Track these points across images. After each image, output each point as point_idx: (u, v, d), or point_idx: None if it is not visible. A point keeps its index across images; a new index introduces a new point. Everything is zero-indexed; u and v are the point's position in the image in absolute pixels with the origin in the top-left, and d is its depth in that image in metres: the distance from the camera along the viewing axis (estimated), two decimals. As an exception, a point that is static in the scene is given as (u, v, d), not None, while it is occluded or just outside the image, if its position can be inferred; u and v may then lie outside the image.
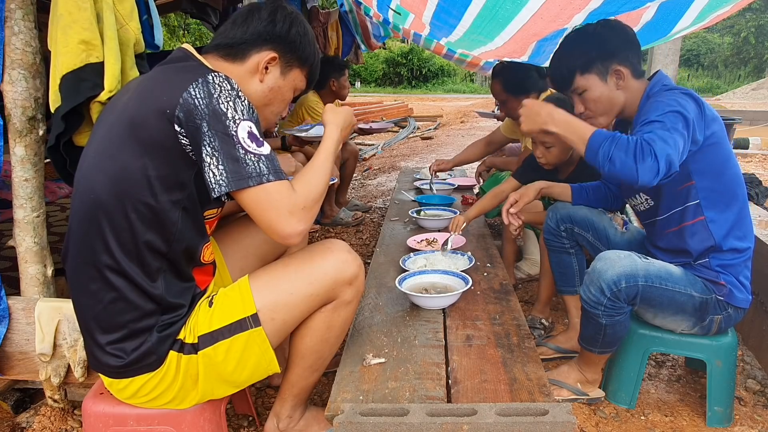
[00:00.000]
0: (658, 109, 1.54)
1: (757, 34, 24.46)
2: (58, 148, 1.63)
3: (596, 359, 1.81)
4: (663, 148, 1.42)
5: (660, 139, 1.43)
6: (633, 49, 1.73)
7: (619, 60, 1.70)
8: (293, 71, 1.45)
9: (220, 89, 1.19)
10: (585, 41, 1.73)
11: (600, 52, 1.71)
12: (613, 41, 1.71)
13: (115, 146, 1.22)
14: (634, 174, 1.42)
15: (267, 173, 1.21)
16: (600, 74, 1.72)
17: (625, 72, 1.71)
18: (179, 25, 10.73)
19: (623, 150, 1.44)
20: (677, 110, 1.52)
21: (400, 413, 1.27)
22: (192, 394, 1.35)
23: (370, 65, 24.89)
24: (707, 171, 1.62)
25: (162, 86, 1.22)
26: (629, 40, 1.73)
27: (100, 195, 1.21)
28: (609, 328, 1.67)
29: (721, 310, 1.68)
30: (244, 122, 1.20)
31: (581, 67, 1.72)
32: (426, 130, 10.92)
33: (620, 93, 1.73)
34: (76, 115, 1.62)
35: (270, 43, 1.38)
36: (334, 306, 1.43)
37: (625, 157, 1.43)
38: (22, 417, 1.79)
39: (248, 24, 1.37)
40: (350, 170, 4.35)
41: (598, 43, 1.71)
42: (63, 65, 1.56)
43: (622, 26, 1.73)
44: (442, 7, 2.27)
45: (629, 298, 1.62)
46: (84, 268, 1.25)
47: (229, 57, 1.38)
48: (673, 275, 1.66)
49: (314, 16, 4.98)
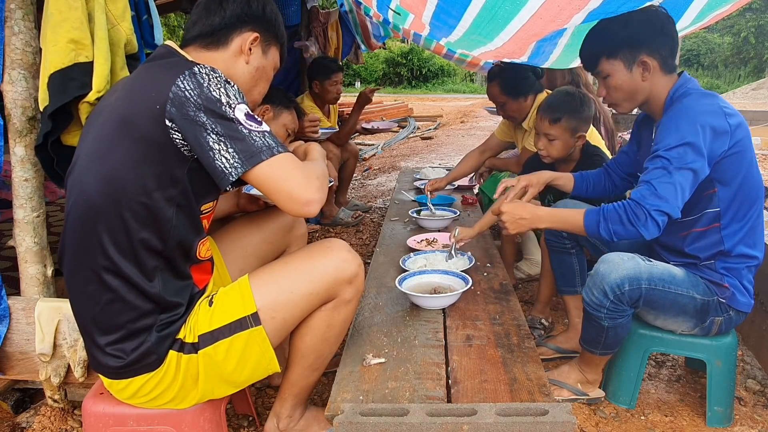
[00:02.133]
0: (671, 135, 1.54)
1: (757, 34, 24.46)
2: (45, 147, 1.62)
3: (597, 360, 1.81)
4: (655, 205, 1.50)
5: (651, 195, 1.51)
6: (666, 42, 1.66)
7: (647, 51, 1.65)
8: (272, 49, 1.47)
9: (209, 78, 1.20)
10: (617, 26, 1.67)
11: (629, 40, 1.65)
12: (646, 30, 1.64)
13: (105, 146, 1.22)
14: (640, 237, 1.53)
15: (275, 145, 1.22)
16: (626, 62, 1.67)
17: (653, 64, 1.66)
18: (179, 25, 10.73)
19: (618, 223, 1.54)
20: (688, 141, 1.51)
21: (400, 413, 1.27)
22: (192, 394, 1.35)
23: (370, 65, 24.90)
24: (729, 179, 1.59)
25: (150, 83, 1.22)
26: (664, 32, 1.65)
27: (93, 196, 1.21)
28: (611, 330, 1.67)
29: (722, 312, 1.68)
30: (240, 105, 1.22)
31: (608, 52, 1.68)
32: (426, 130, 10.92)
33: (645, 85, 1.68)
34: (64, 115, 1.61)
35: (249, 24, 1.39)
36: (334, 305, 1.43)
37: (624, 229, 1.54)
38: (22, 417, 1.79)
39: (224, 8, 1.38)
40: (350, 170, 4.35)
41: (630, 29, 1.65)
42: (51, 64, 1.56)
43: (659, 16, 1.66)
44: (441, 8, 2.26)
45: (632, 301, 1.62)
46: (80, 270, 1.25)
47: (211, 45, 1.38)
48: (676, 278, 1.65)
49: (314, 16, 4.98)
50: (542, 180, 2.00)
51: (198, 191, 1.29)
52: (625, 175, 2.03)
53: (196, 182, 1.26)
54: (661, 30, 1.65)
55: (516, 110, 2.89)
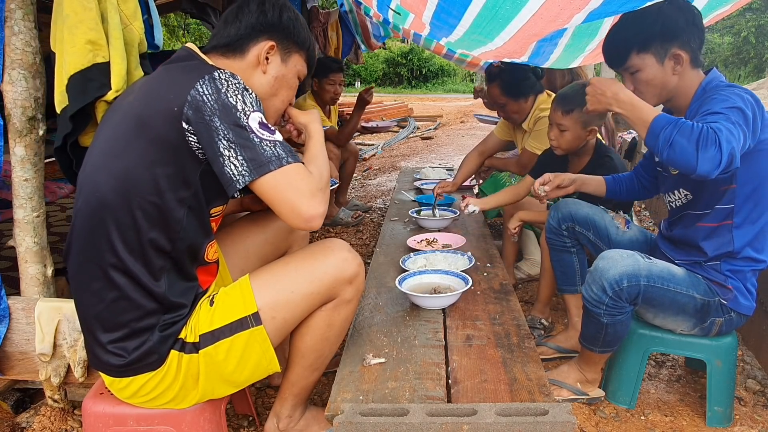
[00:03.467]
0: (720, 102, 1.46)
1: (757, 34, 24.44)
2: (65, 149, 1.63)
3: (596, 358, 1.81)
4: (729, 140, 1.35)
5: (726, 130, 1.36)
6: (697, 34, 1.61)
7: (680, 43, 1.60)
8: (293, 56, 1.45)
9: (227, 84, 1.20)
10: (648, 17, 1.61)
11: (662, 32, 1.60)
12: (679, 22, 1.59)
13: (120, 145, 1.22)
14: (693, 162, 1.36)
15: (285, 156, 1.22)
16: (658, 55, 1.61)
17: (685, 57, 1.61)
18: (179, 25, 10.74)
19: (686, 136, 1.37)
20: (739, 106, 1.44)
21: (400, 413, 1.27)
22: (192, 394, 1.35)
23: (370, 65, 24.88)
24: (751, 177, 1.57)
25: (168, 85, 1.22)
26: (695, 24, 1.61)
27: (105, 194, 1.22)
28: (610, 328, 1.67)
29: (723, 314, 1.68)
30: (254, 113, 1.22)
31: (639, 45, 1.62)
32: (426, 130, 10.91)
33: (675, 78, 1.64)
34: (82, 116, 1.62)
35: (265, 33, 1.39)
36: (335, 305, 1.43)
37: (687, 144, 1.36)
38: (22, 417, 1.79)
39: (240, 19, 1.39)
40: (350, 170, 4.35)
41: (662, 21, 1.59)
42: (70, 65, 1.56)
43: (689, 7, 1.62)
44: (442, 7, 2.26)
45: (631, 297, 1.62)
46: (87, 267, 1.25)
47: (229, 54, 1.39)
48: (675, 276, 1.65)
49: (314, 16, 4.99)
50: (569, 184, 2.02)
51: (209, 194, 1.29)
52: (653, 179, 1.98)
53: (208, 185, 1.27)
54: (693, 22, 1.60)
55: (516, 111, 2.89)
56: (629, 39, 1.64)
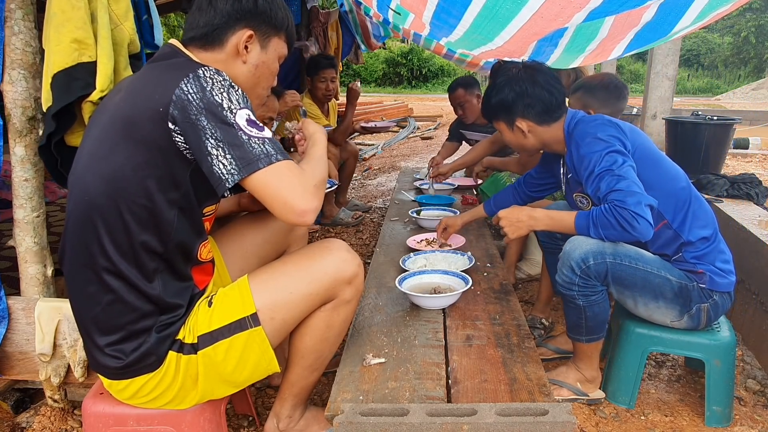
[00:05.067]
0: (591, 156, 1.65)
1: (757, 34, 24.44)
2: (49, 148, 1.62)
3: (588, 350, 1.82)
4: (635, 200, 1.53)
5: (626, 194, 1.54)
6: (533, 100, 1.78)
7: (519, 115, 1.82)
8: (272, 41, 1.41)
9: (212, 82, 1.18)
10: (492, 94, 1.85)
11: (500, 108, 1.84)
12: (509, 97, 1.80)
13: (108, 147, 1.21)
14: (635, 238, 1.56)
15: (275, 153, 1.20)
16: (507, 123, 1.86)
17: (526, 125, 1.82)
18: (179, 25, 10.72)
19: (609, 228, 1.58)
20: (608, 150, 1.64)
21: (400, 413, 1.27)
22: (192, 394, 1.35)
23: (370, 65, 24.85)
24: (651, 184, 1.66)
25: (153, 84, 1.20)
26: (527, 94, 1.78)
27: (94, 197, 1.20)
28: (588, 310, 1.71)
29: (706, 299, 1.70)
30: (241, 110, 1.19)
31: (490, 116, 1.91)
32: (426, 130, 10.90)
33: (531, 138, 1.85)
34: (68, 115, 1.61)
35: (242, 21, 1.34)
36: (334, 305, 1.43)
37: (617, 233, 1.57)
38: (22, 417, 1.79)
39: (214, 7, 1.33)
40: (350, 170, 4.35)
41: (499, 97, 1.82)
42: (55, 64, 1.55)
43: (520, 81, 1.79)
44: (442, 7, 2.26)
45: (599, 275, 1.66)
46: (81, 271, 1.25)
47: (207, 46, 1.34)
48: (644, 256, 1.70)
49: (314, 16, 4.98)
50: (458, 222, 2.35)
51: (200, 194, 1.28)
52: (536, 189, 2.22)
53: (199, 185, 1.25)
54: (524, 93, 1.79)
55: None
56: (487, 109, 1.92)
